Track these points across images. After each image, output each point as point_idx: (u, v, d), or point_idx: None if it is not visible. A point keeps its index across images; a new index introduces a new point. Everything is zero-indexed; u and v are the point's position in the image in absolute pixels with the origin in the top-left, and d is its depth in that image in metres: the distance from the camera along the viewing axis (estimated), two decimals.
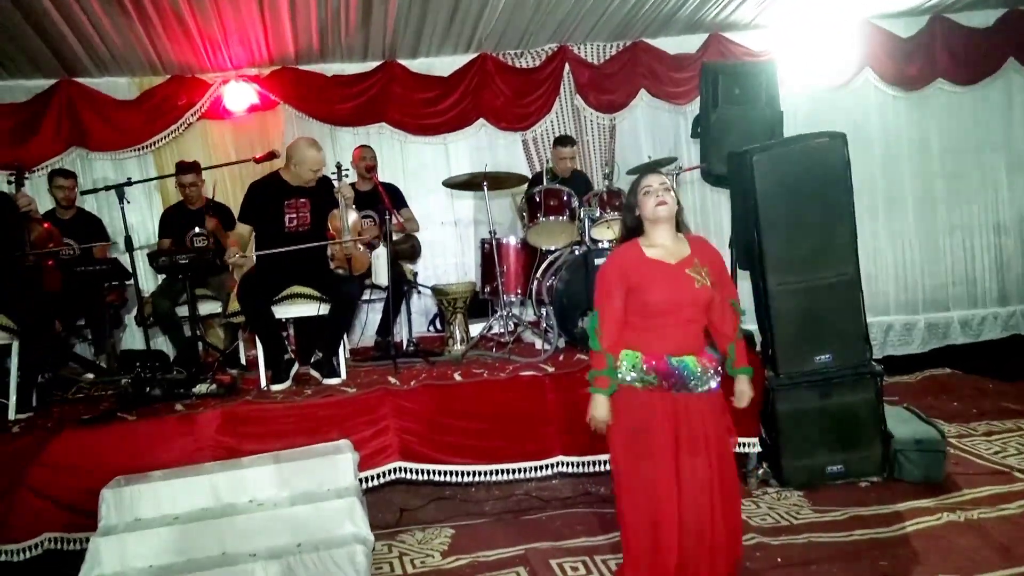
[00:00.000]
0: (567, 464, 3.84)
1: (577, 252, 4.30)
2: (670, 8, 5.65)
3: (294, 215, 4.01)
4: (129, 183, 3.77)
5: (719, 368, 2.64)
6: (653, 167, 4.62)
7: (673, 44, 6.26)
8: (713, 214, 6.43)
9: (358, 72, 5.91)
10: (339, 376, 4.04)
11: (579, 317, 4.24)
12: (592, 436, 3.64)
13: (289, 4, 4.82)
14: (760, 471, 4.03)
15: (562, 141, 5.52)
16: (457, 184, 4.61)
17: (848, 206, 3.97)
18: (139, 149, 5.64)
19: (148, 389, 3.85)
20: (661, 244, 2.59)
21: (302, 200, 4.04)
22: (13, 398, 3.77)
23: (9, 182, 3.90)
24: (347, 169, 4.12)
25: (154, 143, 5.63)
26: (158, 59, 5.42)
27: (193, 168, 5.00)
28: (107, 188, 3.81)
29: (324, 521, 3.22)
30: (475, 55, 6.01)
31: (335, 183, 4.09)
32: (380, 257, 4.48)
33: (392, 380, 3.91)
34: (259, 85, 5.75)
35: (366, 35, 5.46)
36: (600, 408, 2.57)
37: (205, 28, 5.00)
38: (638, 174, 2.74)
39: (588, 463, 3.83)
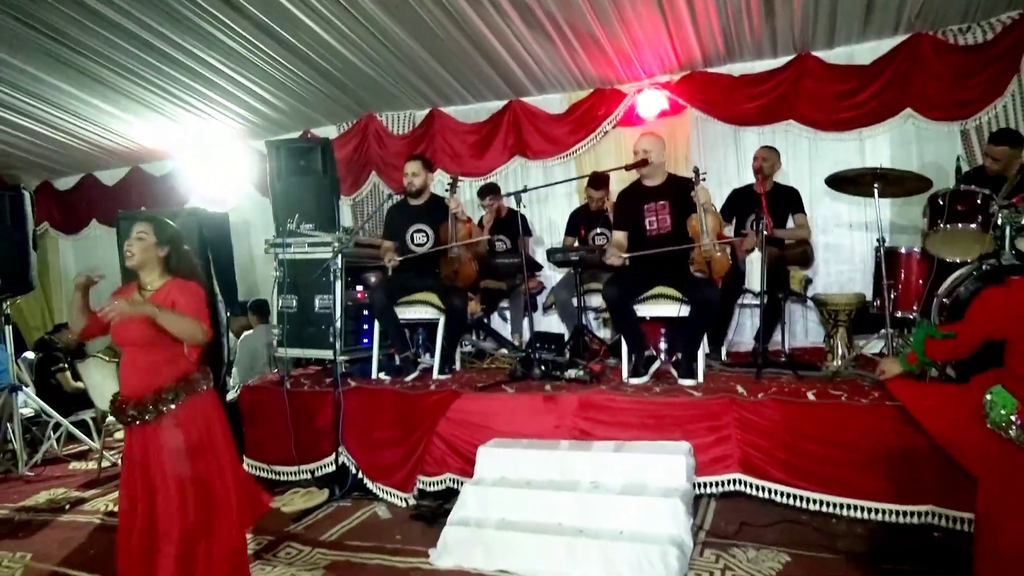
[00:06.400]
0: (940, 517, 3.25)
1: (985, 267, 3.54)
2: None
3: (653, 218, 4.16)
4: (525, 190, 4.41)
5: None
6: None
7: None
8: None
9: (767, 70, 5.73)
10: (694, 378, 4.07)
11: None
12: None
13: (689, 10, 4.96)
14: None
15: (995, 138, 4.44)
16: (842, 184, 4.17)
17: None
18: (564, 156, 6.41)
19: (531, 368, 4.45)
20: None
21: (661, 203, 4.16)
22: (437, 361, 4.73)
23: (446, 189, 4.88)
24: (704, 172, 4.07)
25: (575, 151, 6.34)
26: (582, 75, 6.08)
27: (603, 184, 5.50)
28: (507, 195, 4.50)
29: (647, 516, 3.33)
30: (906, 36, 5.30)
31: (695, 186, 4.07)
32: (756, 263, 4.35)
33: (740, 389, 3.79)
34: (669, 91, 6.01)
35: (772, 30, 5.28)
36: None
37: (616, 43, 5.45)
38: None
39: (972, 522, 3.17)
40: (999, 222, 3.64)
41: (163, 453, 2.64)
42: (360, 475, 4.40)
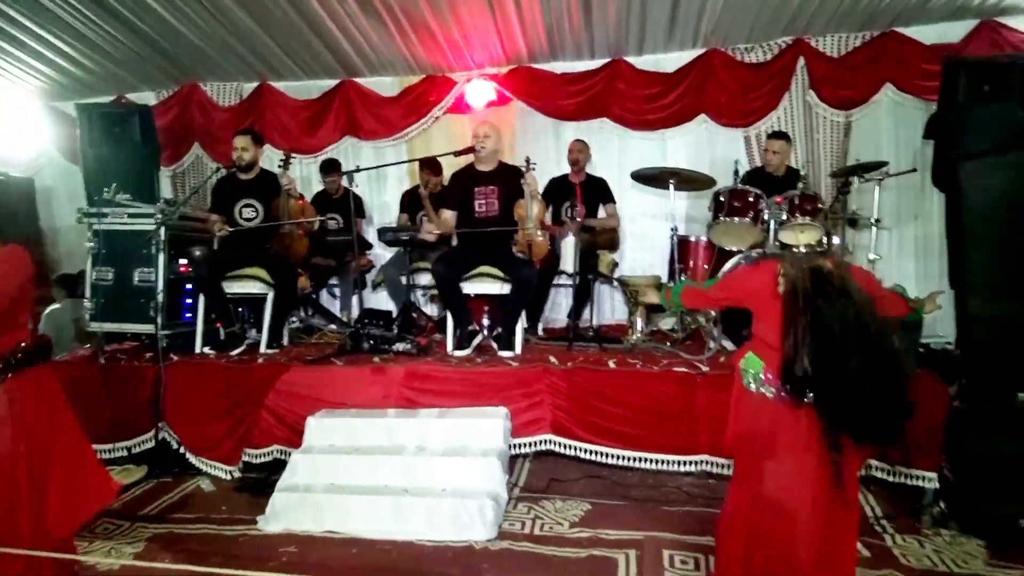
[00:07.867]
0: (713, 464, 3.85)
1: (754, 254, 4.21)
2: None
3: (483, 201, 4.49)
4: (358, 170, 4.56)
5: None
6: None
7: (932, 33, 5.63)
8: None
9: (586, 70, 6.22)
10: (513, 350, 4.45)
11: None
12: None
13: (515, 7, 5.29)
14: (935, 510, 3.65)
15: (772, 135, 5.35)
16: (645, 178, 4.73)
17: None
18: (396, 139, 6.57)
19: (360, 343, 4.61)
20: None
21: (491, 188, 4.49)
22: (265, 336, 4.76)
23: (279, 165, 4.89)
24: (535, 162, 4.48)
25: (407, 134, 6.52)
26: (414, 61, 6.26)
27: (441, 170, 5.73)
28: (342, 173, 4.63)
29: (467, 474, 3.65)
30: (703, 51, 5.99)
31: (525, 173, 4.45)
32: (570, 247, 4.79)
33: (552, 360, 4.22)
34: (497, 83, 6.34)
35: (591, 33, 5.75)
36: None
37: (447, 32, 5.68)
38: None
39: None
40: (766, 217, 4.32)
41: None
42: (182, 450, 4.35)
